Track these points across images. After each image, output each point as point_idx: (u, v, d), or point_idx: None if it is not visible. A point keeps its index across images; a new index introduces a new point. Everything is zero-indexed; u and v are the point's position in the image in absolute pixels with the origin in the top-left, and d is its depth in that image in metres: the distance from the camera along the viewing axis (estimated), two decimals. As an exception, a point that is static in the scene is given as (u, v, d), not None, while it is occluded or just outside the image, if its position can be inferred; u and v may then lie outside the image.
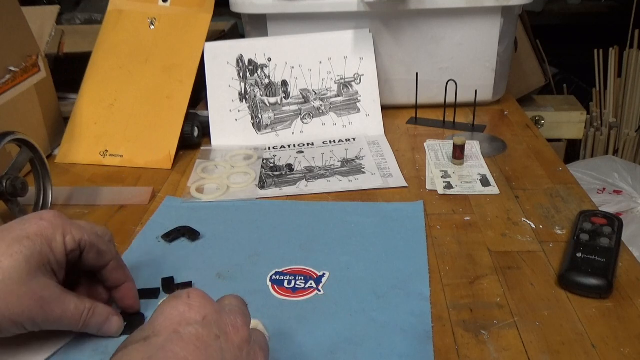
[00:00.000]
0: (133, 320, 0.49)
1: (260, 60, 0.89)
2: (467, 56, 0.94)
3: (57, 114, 0.88)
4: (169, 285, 0.54)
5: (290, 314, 0.50)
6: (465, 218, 0.65)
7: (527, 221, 0.64)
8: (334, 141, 0.86)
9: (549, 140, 0.91)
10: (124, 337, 0.48)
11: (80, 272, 0.49)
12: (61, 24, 1.46)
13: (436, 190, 0.71)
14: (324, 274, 0.55)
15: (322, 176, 0.76)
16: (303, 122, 0.88)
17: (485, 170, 0.76)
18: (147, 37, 0.89)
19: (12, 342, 0.45)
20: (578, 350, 0.45)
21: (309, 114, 0.89)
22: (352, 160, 0.80)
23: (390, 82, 0.96)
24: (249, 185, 0.74)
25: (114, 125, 0.85)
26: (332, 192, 0.72)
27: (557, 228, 0.62)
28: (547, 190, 0.70)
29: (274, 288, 0.54)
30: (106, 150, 0.83)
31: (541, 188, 0.71)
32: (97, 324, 0.46)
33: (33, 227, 0.44)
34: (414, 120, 0.95)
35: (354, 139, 0.87)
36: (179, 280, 0.55)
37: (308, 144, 0.86)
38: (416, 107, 0.95)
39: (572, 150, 1.86)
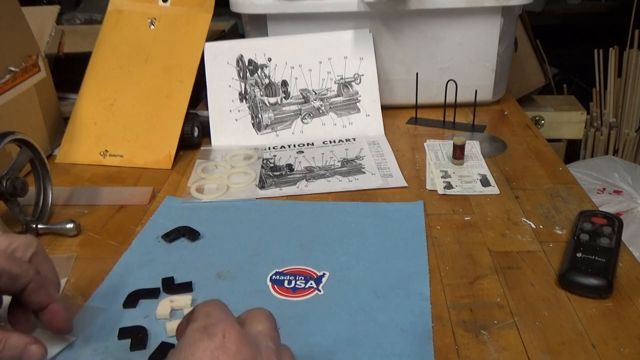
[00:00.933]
0: (134, 332, 0.48)
1: (260, 60, 0.89)
2: (467, 56, 0.94)
3: (57, 114, 0.88)
4: (169, 285, 0.54)
5: (290, 314, 0.50)
6: (465, 218, 0.65)
7: (527, 221, 0.64)
8: (334, 141, 0.86)
9: (549, 140, 0.91)
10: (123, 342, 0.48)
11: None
12: (61, 24, 1.46)
13: (436, 190, 0.71)
14: (324, 274, 0.55)
15: (322, 176, 0.76)
16: (303, 122, 0.88)
17: (485, 170, 0.76)
18: (147, 37, 0.89)
19: None
20: (578, 350, 0.45)
21: (309, 114, 0.89)
22: (352, 160, 0.80)
23: (390, 82, 0.96)
24: (249, 185, 0.74)
25: (114, 125, 0.85)
26: (332, 192, 0.72)
27: (557, 228, 0.62)
28: (547, 190, 0.70)
29: (274, 288, 0.54)
30: (106, 150, 0.83)
31: (541, 188, 0.71)
32: (13, 356, 0.41)
33: None
34: (414, 120, 0.95)
35: (354, 139, 0.87)
36: (179, 280, 0.55)
37: (308, 144, 0.86)
38: (416, 107, 0.95)
39: (572, 150, 1.86)
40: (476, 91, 0.90)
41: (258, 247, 0.60)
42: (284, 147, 0.85)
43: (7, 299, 0.45)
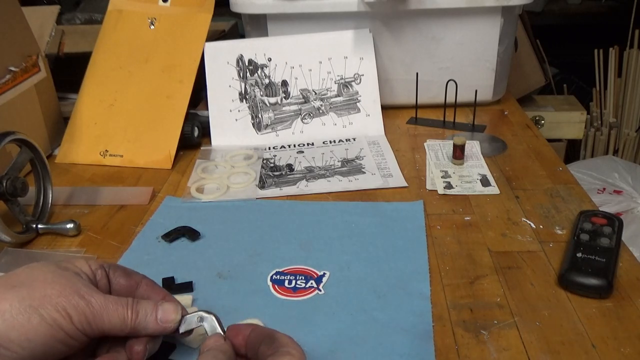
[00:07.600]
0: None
1: (260, 60, 0.89)
2: (467, 56, 0.94)
3: (57, 114, 0.88)
4: (169, 285, 0.54)
5: (291, 313, 0.50)
6: (465, 218, 0.65)
7: (527, 221, 0.64)
8: (334, 141, 0.86)
9: (549, 140, 0.91)
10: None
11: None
12: (61, 24, 1.46)
13: (436, 190, 0.71)
14: (324, 273, 0.55)
15: (322, 176, 0.76)
16: (303, 122, 0.88)
17: (485, 170, 0.76)
18: (147, 37, 0.89)
19: None
20: (578, 350, 0.45)
21: (309, 114, 0.89)
22: (352, 160, 0.80)
23: (390, 82, 0.96)
24: (249, 185, 0.74)
25: (114, 125, 0.85)
26: (332, 192, 0.72)
27: (557, 228, 0.62)
28: (547, 190, 0.70)
29: (274, 288, 0.54)
30: (106, 150, 0.83)
31: (541, 188, 0.71)
32: (149, 323, 0.40)
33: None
34: (414, 120, 0.95)
35: (354, 139, 0.87)
36: (179, 280, 0.55)
37: (308, 144, 0.86)
38: (416, 107, 0.96)
39: (572, 150, 1.86)
40: (476, 91, 0.90)
41: (258, 247, 0.60)
42: (284, 147, 0.85)
43: None
